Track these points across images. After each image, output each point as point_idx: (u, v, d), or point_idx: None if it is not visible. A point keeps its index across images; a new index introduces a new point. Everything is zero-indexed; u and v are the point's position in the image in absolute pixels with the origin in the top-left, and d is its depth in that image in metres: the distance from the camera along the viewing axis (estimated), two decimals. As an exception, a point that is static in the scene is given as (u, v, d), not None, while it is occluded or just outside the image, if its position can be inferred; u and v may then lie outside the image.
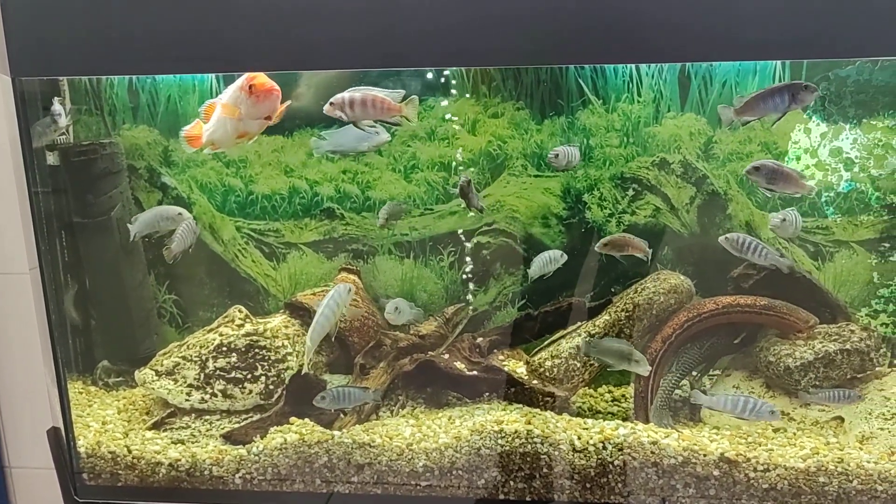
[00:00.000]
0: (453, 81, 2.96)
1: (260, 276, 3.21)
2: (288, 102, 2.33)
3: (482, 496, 2.50)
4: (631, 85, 2.90)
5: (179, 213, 2.79)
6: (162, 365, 2.85)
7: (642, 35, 2.15)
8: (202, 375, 2.81)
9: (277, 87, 2.23)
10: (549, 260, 2.84)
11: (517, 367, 2.92)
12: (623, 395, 2.93)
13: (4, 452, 2.99)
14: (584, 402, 2.87)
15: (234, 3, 2.24)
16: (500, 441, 2.50)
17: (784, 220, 2.64)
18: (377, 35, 2.22)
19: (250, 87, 2.21)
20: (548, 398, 2.71)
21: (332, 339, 2.81)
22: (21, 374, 2.90)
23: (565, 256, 2.85)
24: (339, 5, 2.21)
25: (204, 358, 2.82)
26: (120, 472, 2.64)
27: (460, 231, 3.10)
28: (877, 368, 2.67)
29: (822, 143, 2.87)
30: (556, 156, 2.75)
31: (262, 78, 2.22)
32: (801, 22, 2.10)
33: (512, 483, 2.50)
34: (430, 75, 2.90)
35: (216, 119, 2.33)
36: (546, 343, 2.91)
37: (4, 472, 3.01)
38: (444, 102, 2.98)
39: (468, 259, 3.11)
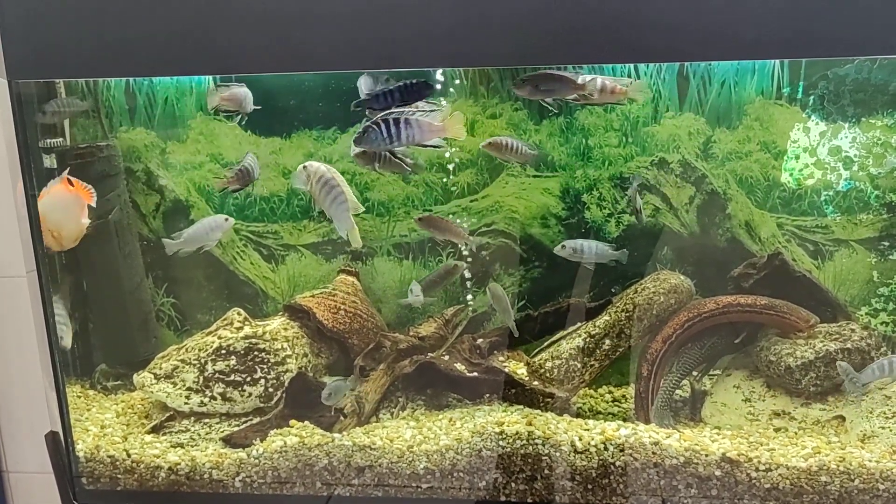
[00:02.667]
0: (456, 82, 2.96)
1: (258, 279, 3.20)
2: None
3: (483, 498, 2.50)
4: (630, 85, 2.90)
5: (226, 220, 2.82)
6: (161, 368, 2.84)
7: (641, 35, 2.14)
8: (201, 379, 2.79)
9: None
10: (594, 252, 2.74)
11: (518, 368, 2.91)
12: (623, 396, 2.93)
13: (2, 456, 2.98)
14: (584, 403, 2.86)
15: (230, 5, 2.24)
16: (501, 442, 2.49)
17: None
18: (373, 36, 2.21)
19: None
20: (548, 399, 2.70)
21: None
22: (18, 378, 2.88)
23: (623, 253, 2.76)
24: (334, 7, 2.20)
25: (203, 361, 2.81)
26: (119, 476, 2.62)
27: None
28: (877, 367, 2.67)
29: (821, 142, 2.87)
30: None
31: None
32: (800, 21, 2.09)
33: (513, 485, 2.49)
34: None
35: None
36: (546, 344, 2.91)
37: (2, 476, 2.99)
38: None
39: (468, 259, 3.11)
